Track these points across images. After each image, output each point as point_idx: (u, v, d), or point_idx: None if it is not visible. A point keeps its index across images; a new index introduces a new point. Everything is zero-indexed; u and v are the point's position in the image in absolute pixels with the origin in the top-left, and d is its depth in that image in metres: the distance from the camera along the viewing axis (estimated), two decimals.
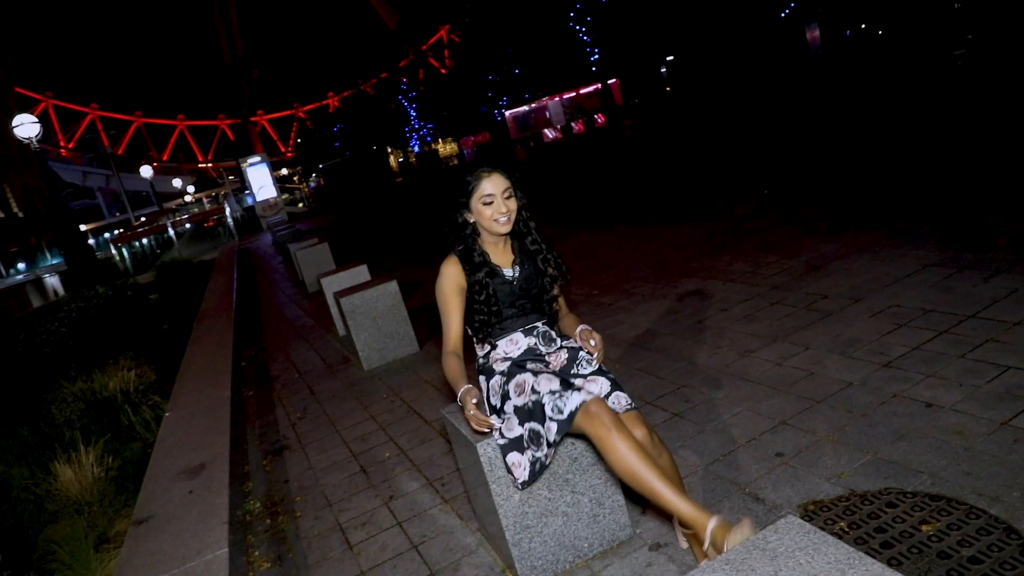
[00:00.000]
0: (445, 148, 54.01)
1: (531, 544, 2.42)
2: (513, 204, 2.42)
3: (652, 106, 30.90)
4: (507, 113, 39.68)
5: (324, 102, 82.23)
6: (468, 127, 45.07)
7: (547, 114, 36.97)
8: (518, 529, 2.40)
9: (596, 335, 2.41)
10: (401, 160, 56.73)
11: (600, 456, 2.24)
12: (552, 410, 2.15)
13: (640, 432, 2.16)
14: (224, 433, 4.11)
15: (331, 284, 6.63)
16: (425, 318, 6.37)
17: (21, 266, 37.54)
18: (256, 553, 3.26)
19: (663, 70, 34.48)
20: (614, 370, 4.03)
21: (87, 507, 4.23)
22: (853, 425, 2.82)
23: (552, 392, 2.18)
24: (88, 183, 67.46)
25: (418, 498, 3.30)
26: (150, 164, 44.05)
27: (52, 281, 34.42)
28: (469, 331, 2.51)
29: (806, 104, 17.43)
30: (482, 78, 39.59)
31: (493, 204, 2.38)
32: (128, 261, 32.85)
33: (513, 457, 2.28)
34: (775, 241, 5.74)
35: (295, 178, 71.30)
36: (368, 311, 5.41)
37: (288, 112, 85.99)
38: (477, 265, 2.45)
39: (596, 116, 34.59)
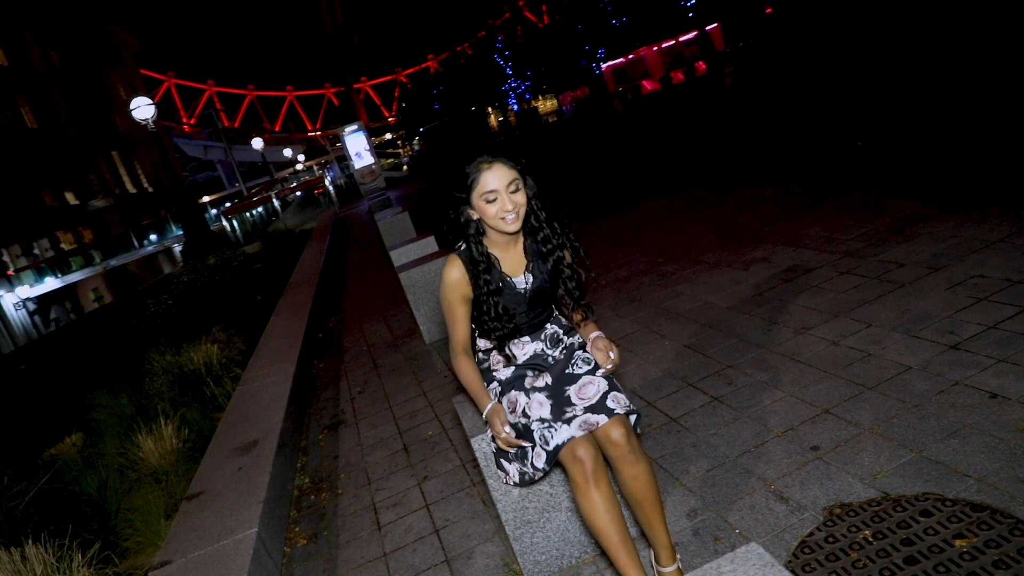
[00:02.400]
0: (544, 104, 53.43)
1: (533, 539, 2.36)
2: (521, 198, 2.13)
3: (756, 50, 29.11)
4: (604, 66, 38.62)
5: (424, 65, 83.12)
6: (566, 82, 44.30)
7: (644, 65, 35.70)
8: (518, 524, 2.34)
9: (615, 348, 2.27)
10: (501, 119, 56.65)
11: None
12: (539, 439, 2.08)
13: (618, 433, 2.01)
14: (280, 410, 4.25)
15: (400, 256, 6.70)
16: None
17: (153, 237, 40.33)
18: (296, 529, 3.38)
19: (768, 10, 32.33)
20: (665, 348, 3.86)
21: (164, 476, 4.52)
22: (902, 417, 2.55)
23: (542, 420, 2.10)
24: (209, 156, 71.65)
25: (450, 480, 3.30)
26: (262, 135, 46.17)
27: (179, 250, 37.03)
28: (477, 331, 2.39)
29: (929, 42, 15.88)
30: (580, 30, 38.65)
31: (497, 201, 2.10)
32: (239, 232, 34.75)
33: (503, 464, 2.22)
34: (858, 201, 5.27)
35: (398, 142, 72.78)
36: (428, 284, 5.43)
37: (390, 77, 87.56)
38: (483, 273, 2.20)
39: (696, 64, 33.04)
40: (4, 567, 3.21)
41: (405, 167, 41.79)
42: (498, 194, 2.09)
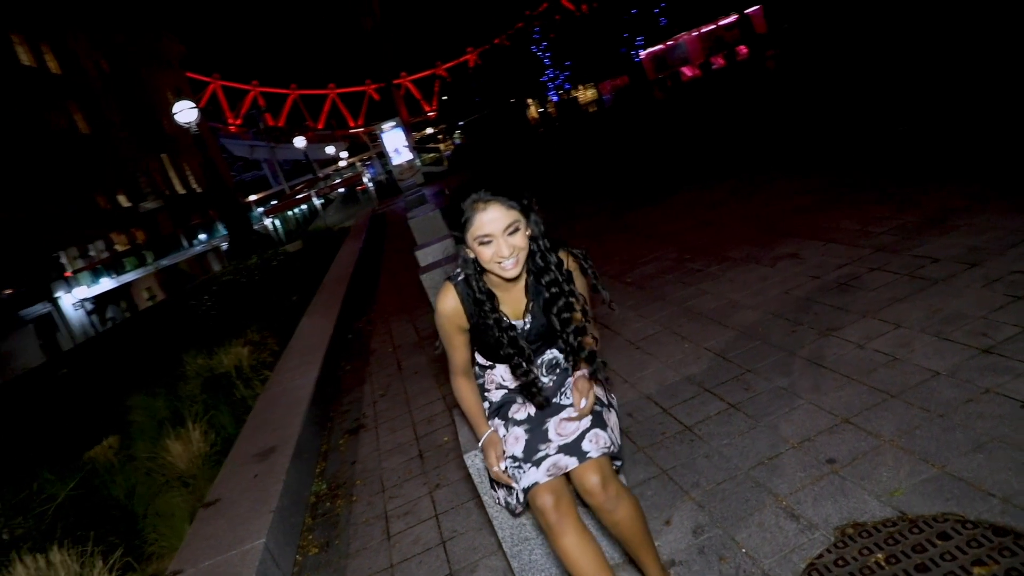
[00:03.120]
0: (584, 94, 52.96)
1: (532, 556, 2.29)
2: (520, 240, 1.87)
3: (800, 32, 28.30)
4: (643, 53, 38.06)
5: (463, 58, 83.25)
6: (605, 71, 43.83)
7: (681, 51, 35.03)
8: (516, 541, 2.28)
9: (591, 394, 2.01)
10: (541, 110, 56.34)
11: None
12: (512, 476, 2.00)
13: (592, 481, 1.88)
14: (299, 416, 4.27)
15: (425, 255, 6.67)
16: None
17: (202, 236, 41.35)
18: (310, 536, 3.38)
19: None
20: (684, 351, 3.74)
21: (191, 480, 4.60)
22: (926, 428, 2.40)
23: (514, 459, 2.01)
24: (255, 155, 73.09)
25: (459, 489, 3.26)
26: (306, 133, 46.86)
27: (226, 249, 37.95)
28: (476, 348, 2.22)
29: (980, 23, 15.18)
30: (618, 17, 38.16)
31: (492, 244, 1.85)
32: (280, 231, 35.36)
33: (495, 485, 2.15)
34: (894, 191, 5.04)
35: (439, 136, 73.05)
36: None
37: (429, 72, 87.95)
38: (479, 308, 1.99)
39: (737, 48, 32.29)
40: (31, 572, 3.28)
41: (445, 161, 41.89)
42: (493, 237, 1.84)
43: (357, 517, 3.39)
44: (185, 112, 19.57)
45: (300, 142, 37.94)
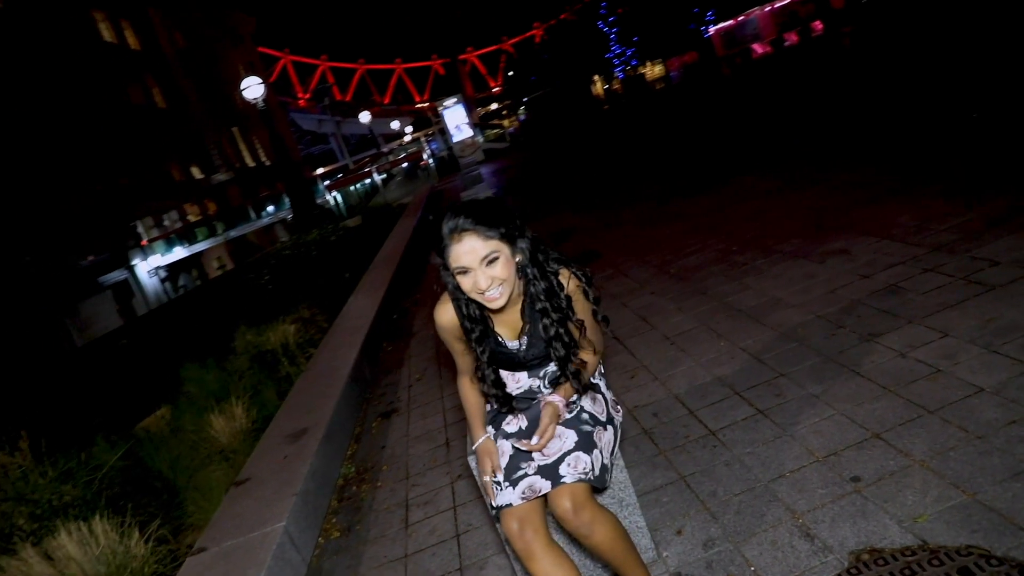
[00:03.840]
0: (652, 71, 51.77)
1: None
2: (502, 270, 1.75)
3: (879, 6, 26.87)
4: (713, 29, 36.91)
5: (530, 33, 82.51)
6: (673, 47, 42.70)
7: (752, 27, 33.74)
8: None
9: (550, 430, 1.90)
10: (606, 87, 55.38)
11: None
12: (493, 489, 1.97)
13: (564, 507, 1.83)
14: (333, 398, 4.34)
15: None
16: None
17: (270, 209, 42.43)
18: (334, 520, 3.44)
19: None
20: (719, 350, 3.62)
21: (232, 455, 4.74)
22: (961, 449, 2.25)
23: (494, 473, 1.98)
24: (323, 129, 74.44)
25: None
26: (372, 108, 47.42)
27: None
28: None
29: None
30: None
31: (469, 275, 1.76)
32: (342, 206, 35.96)
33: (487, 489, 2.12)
34: (960, 184, 4.73)
35: (503, 112, 72.81)
36: None
37: (495, 47, 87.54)
38: (472, 322, 1.94)
39: (812, 24, 30.92)
40: (73, 539, 3.44)
41: (508, 138, 41.73)
42: (470, 269, 1.75)
43: (380, 503, 3.43)
44: (252, 88, 20.00)
45: (365, 117, 38.45)
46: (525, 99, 50.72)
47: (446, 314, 1.98)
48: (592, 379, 2.17)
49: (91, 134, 32.07)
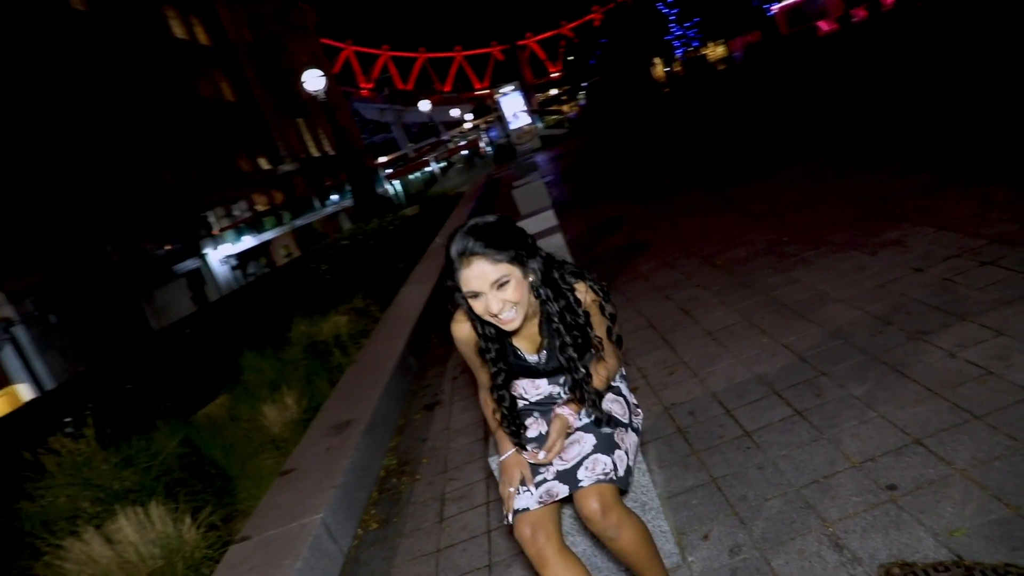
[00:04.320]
0: (713, 51, 50.51)
1: None
2: (513, 293, 1.74)
3: None
4: (776, 6, 35.68)
5: (589, 17, 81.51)
6: (736, 26, 41.55)
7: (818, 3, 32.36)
8: None
9: (558, 444, 1.92)
10: (667, 69, 54.32)
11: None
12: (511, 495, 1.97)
13: (590, 507, 1.83)
14: (378, 390, 4.42)
15: None
16: (609, 263, 6.18)
17: (334, 198, 43.32)
18: (373, 511, 3.52)
19: None
20: (761, 346, 3.53)
21: (283, 444, 4.89)
22: (1007, 459, 2.14)
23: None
24: (384, 118, 75.52)
25: None
26: (432, 96, 47.82)
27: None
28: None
29: None
30: None
31: (481, 299, 1.75)
32: (401, 195, 36.41)
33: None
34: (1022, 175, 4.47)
35: (563, 97, 72.29)
36: None
37: (554, 32, 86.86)
38: (488, 341, 1.92)
39: None
40: (131, 523, 3.62)
41: (566, 123, 41.44)
42: (481, 293, 1.74)
43: (417, 496, 3.49)
44: (313, 80, 20.47)
45: (425, 106, 38.84)
46: (584, 84, 50.20)
47: (462, 330, 1.97)
48: (612, 382, 2.15)
49: (164, 128, 33.38)
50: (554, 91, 75.23)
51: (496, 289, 1.73)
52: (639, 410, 2.18)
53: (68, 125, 27.17)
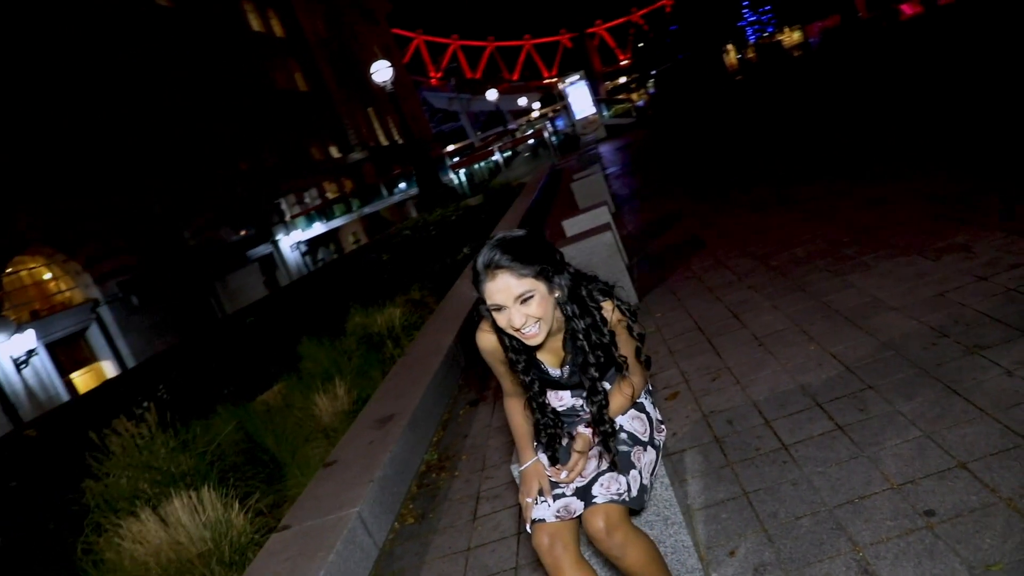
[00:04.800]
0: (789, 37, 48.81)
1: None
2: (538, 308, 1.72)
3: None
4: None
5: (659, 3, 79.97)
6: (813, 11, 40.04)
7: None
8: None
9: (580, 464, 1.91)
10: (739, 56, 52.84)
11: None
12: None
13: (596, 526, 1.82)
14: (423, 386, 4.48)
15: (571, 226, 6.64)
16: (663, 261, 6.08)
17: (402, 186, 43.99)
18: (411, 506, 3.58)
19: None
20: (808, 355, 3.41)
21: (333, 433, 5.02)
22: None
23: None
24: (453, 107, 76.09)
25: None
26: (500, 85, 47.89)
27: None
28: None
29: None
30: None
31: (504, 312, 1.74)
32: (465, 185, 36.63)
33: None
34: None
35: (632, 86, 71.24)
36: (584, 262, 5.29)
37: (624, 19, 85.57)
38: (516, 353, 1.91)
39: None
40: (184, 506, 3.79)
41: (634, 112, 40.83)
42: (504, 307, 1.73)
43: (454, 493, 3.53)
44: (382, 71, 20.79)
45: (492, 95, 38.97)
46: (654, 72, 49.31)
47: (488, 340, 1.96)
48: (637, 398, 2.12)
49: (241, 118, 34.56)
50: (623, 79, 74.13)
51: (520, 303, 1.72)
52: (663, 426, 2.14)
53: (151, 116, 28.45)
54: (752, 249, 5.53)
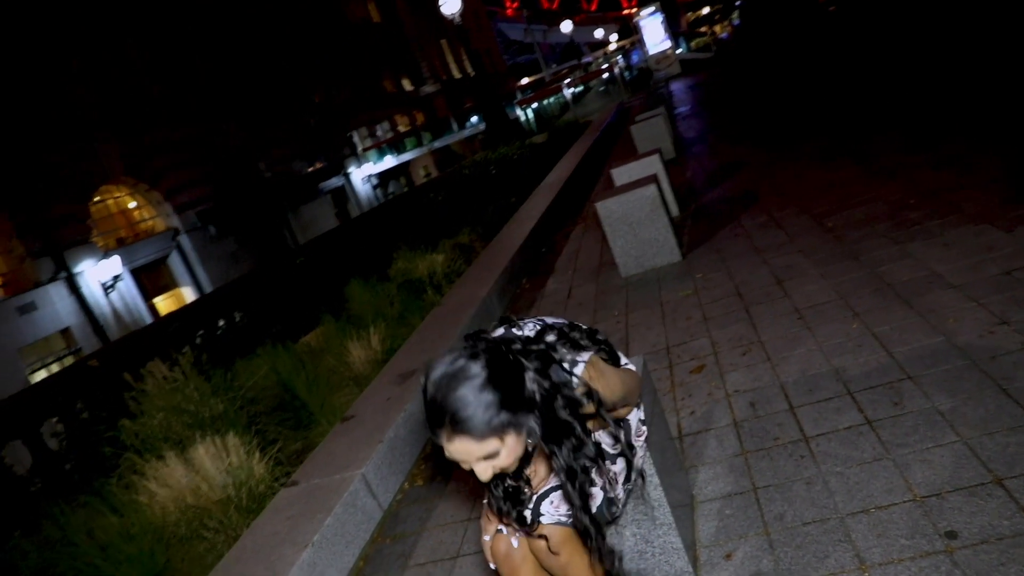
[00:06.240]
0: None
1: None
2: (506, 459, 1.45)
3: None
4: None
5: None
6: None
7: None
8: None
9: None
10: None
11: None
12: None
13: (539, 544, 1.68)
14: (451, 340, 4.39)
15: (621, 174, 6.34)
16: (714, 215, 5.76)
17: (473, 120, 43.47)
18: (423, 466, 3.54)
19: None
20: (848, 333, 3.13)
21: (364, 381, 5.04)
22: None
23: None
24: (528, 39, 74.04)
25: None
26: (577, 16, 46.20)
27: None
28: None
29: None
30: None
31: (466, 465, 1.48)
32: (532, 121, 35.81)
33: None
34: None
35: (716, 17, 67.59)
36: (625, 217, 5.06)
37: None
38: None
39: None
40: (208, 452, 3.87)
41: (713, 46, 38.71)
42: (466, 464, 1.47)
43: None
44: (450, 3, 20.29)
45: (566, 26, 37.64)
46: (738, 2, 46.45)
47: None
48: None
49: (315, 51, 34.63)
50: (706, 10, 70.32)
51: (484, 460, 1.45)
52: (644, 427, 1.94)
53: (227, 50, 28.80)
54: (809, 206, 5.13)
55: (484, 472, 1.46)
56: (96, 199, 23.43)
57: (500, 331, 1.65)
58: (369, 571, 2.86)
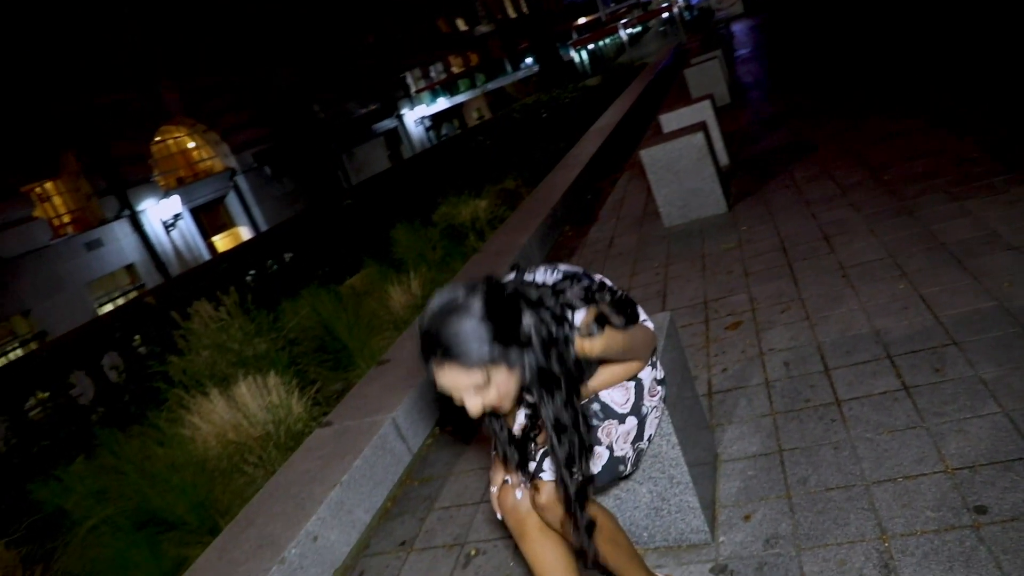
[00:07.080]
0: None
1: None
2: (494, 394, 1.43)
3: None
4: None
5: None
6: None
7: None
8: None
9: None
10: None
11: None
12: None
13: (540, 500, 1.66)
14: None
15: (670, 121, 6.14)
16: (764, 165, 5.55)
17: (527, 61, 42.65)
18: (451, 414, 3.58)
19: None
20: (894, 294, 3.00)
21: (404, 325, 5.10)
22: None
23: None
24: None
25: None
26: None
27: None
28: None
29: None
30: None
31: (456, 397, 1.45)
32: (587, 63, 34.80)
33: None
34: None
35: None
36: (670, 165, 4.91)
37: None
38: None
39: None
40: (250, 388, 4.00)
41: None
42: (454, 394, 1.44)
43: None
44: None
45: None
46: None
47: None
48: None
49: None
50: None
51: (473, 393, 1.43)
52: (660, 388, 1.89)
53: None
54: (865, 157, 4.89)
55: (474, 406, 1.44)
56: (156, 139, 23.99)
57: (511, 277, 1.64)
58: (396, 511, 2.94)
